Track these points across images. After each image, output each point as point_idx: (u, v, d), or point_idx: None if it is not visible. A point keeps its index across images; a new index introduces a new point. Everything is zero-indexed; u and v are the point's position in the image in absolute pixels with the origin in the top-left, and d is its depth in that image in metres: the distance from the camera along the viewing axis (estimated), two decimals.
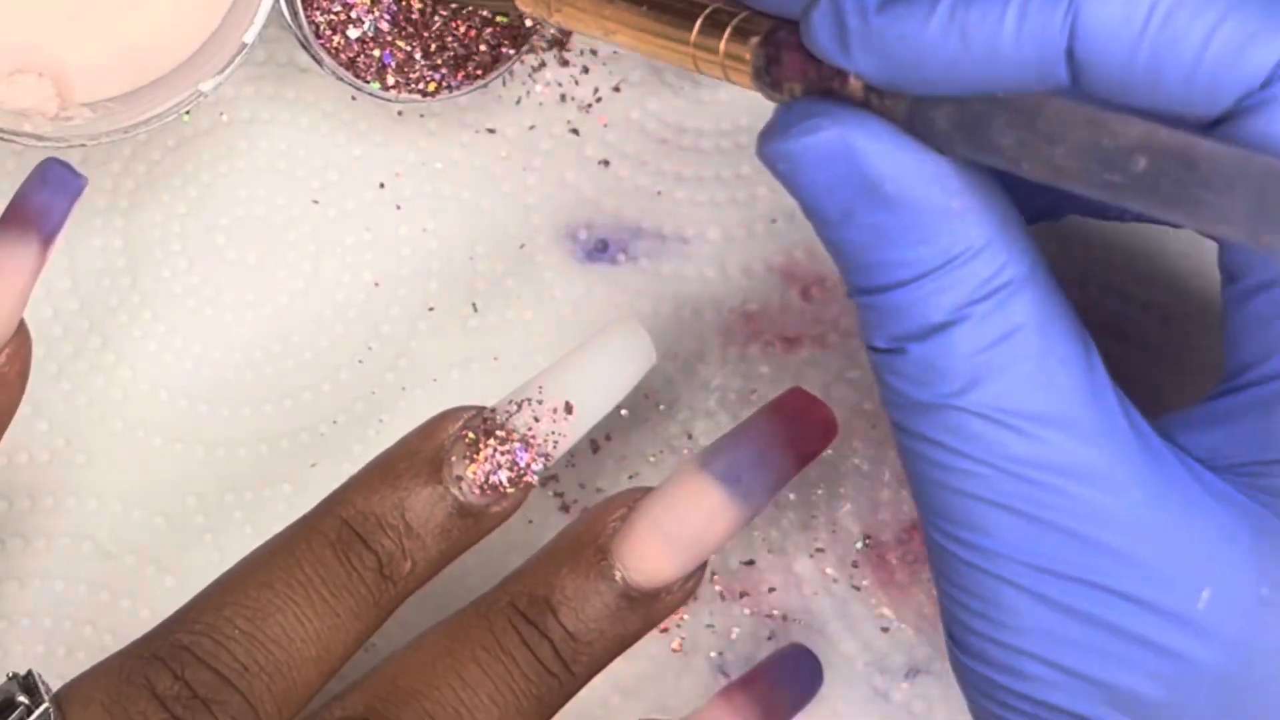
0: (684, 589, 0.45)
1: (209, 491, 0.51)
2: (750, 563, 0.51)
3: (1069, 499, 0.38)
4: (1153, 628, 0.38)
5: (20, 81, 0.48)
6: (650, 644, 0.51)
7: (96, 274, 0.51)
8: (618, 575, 0.44)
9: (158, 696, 0.41)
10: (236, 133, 0.52)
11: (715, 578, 0.51)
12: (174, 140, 0.52)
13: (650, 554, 0.44)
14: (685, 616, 0.51)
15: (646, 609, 0.44)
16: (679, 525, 0.44)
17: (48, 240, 0.43)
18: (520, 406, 0.44)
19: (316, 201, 0.52)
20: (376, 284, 0.52)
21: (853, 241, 0.38)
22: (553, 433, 0.44)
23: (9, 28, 0.48)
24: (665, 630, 0.51)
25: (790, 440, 0.44)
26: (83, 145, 0.47)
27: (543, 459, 0.44)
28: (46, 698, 0.41)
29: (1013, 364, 0.38)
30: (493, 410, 0.44)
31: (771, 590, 0.51)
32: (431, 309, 0.52)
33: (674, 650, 0.51)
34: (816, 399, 0.45)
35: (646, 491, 0.45)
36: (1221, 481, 0.39)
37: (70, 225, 0.51)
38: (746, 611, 0.51)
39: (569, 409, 0.44)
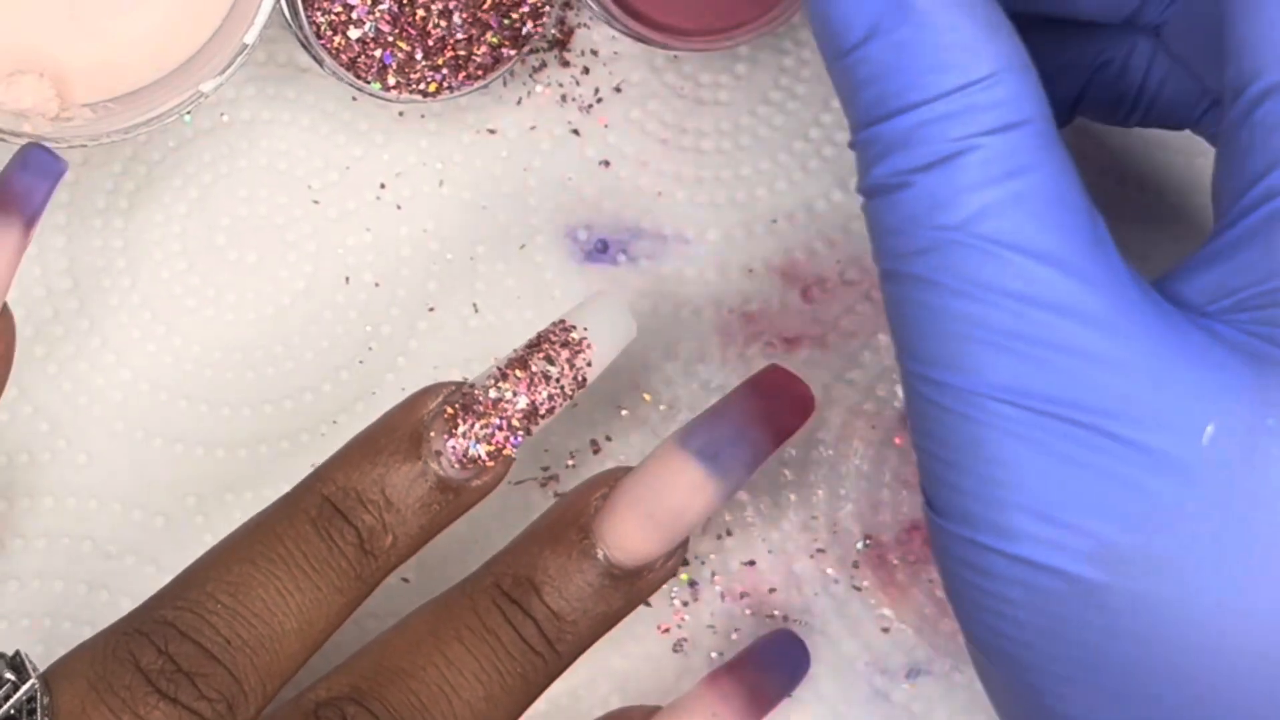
0: (666, 567, 0.45)
1: (209, 491, 0.51)
2: (750, 563, 0.51)
3: (1065, 337, 0.37)
4: (1150, 471, 0.37)
5: (20, 82, 0.48)
6: (650, 644, 0.51)
7: (96, 274, 0.51)
8: (600, 554, 0.44)
9: (142, 671, 0.41)
10: (237, 133, 0.52)
11: (715, 578, 0.51)
12: (174, 141, 0.52)
13: (631, 532, 0.44)
14: (685, 617, 0.51)
15: (629, 587, 0.45)
16: (659, 503, 0.44)
17: (30, 223, 0.44)
18: (501, 379, 0.44)
19: (316, 201, 0.52)
20: (376, 284, 0.52)
21: (871, 61, 0.38)
22: (531, 404, 0.44)
23: (9, 28, 0.48)
24: (666, 631, 0.51)
25: (768, 417, 0.45)
26: (83, 146, 0.47)
27: (522, 432, 0.44)
28: (34, 675, 0.42)
29: (1020, 201, 0.37)
30: (472, 385, 0.45)
31: (771, 590, 0.51)
32: (431, 309, 0.52)
33: (674, 650, 0.51)
34: (794, 376, 0.45)
35: (627, 471, 0.45)
36: (1222, 324, 0.39)
37: (70, 225, 0.51)
38: (746, 611, 0.51)
39: (547, 379, 0.44)
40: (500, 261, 0.52)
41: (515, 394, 0.44)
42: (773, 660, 0.47)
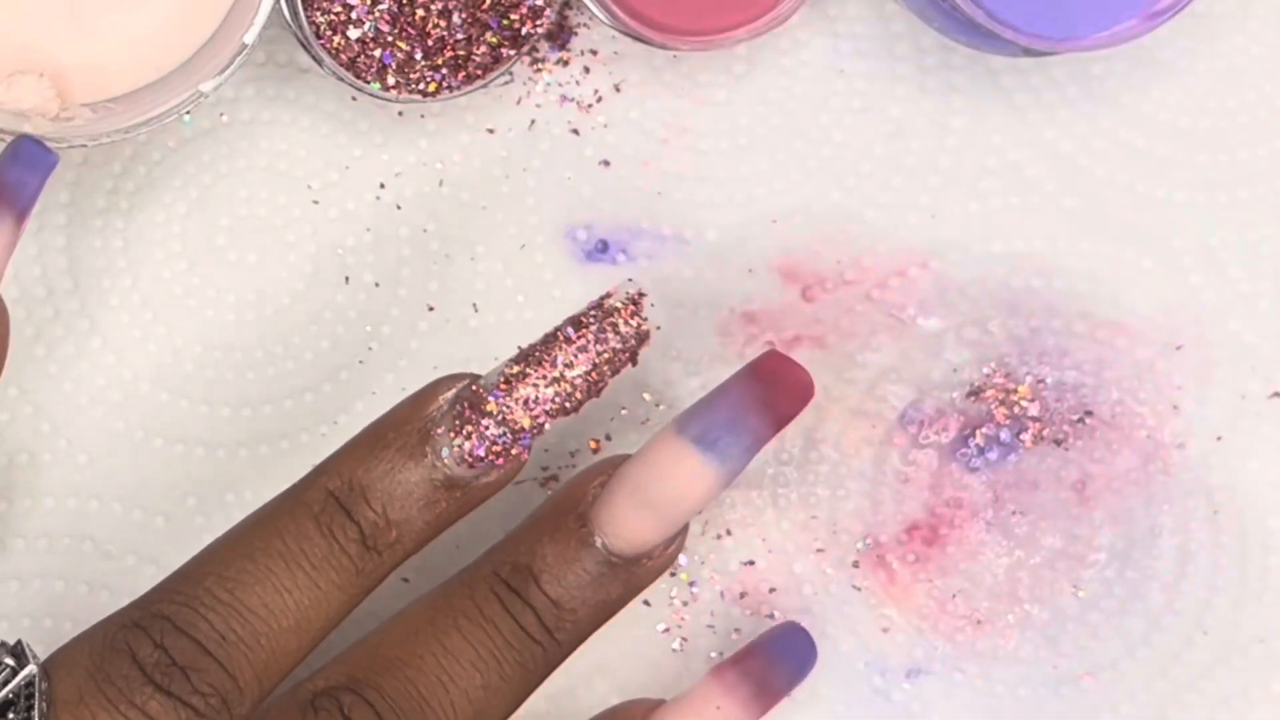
0: (665, 554, 0.45)
1: (209, 491, 0.51)
2: (750, 563, 0.51)
3: None
4: None
5: (21, 82, 0.48)
6: (650, 644, 0.51)
7: (97, 274, 0.51)
8: (598, 542, 0.44)
9: (138, 663, 0.42)
10: (237, 133, 0.52)
11: (715, 578, 0.51)
12: (174, 141, 0.52)
13: (629, 520, 0.44)
14: (685, 617, 0.51)
15: (628, 575, 0.45)
16: (657, 490, 0.44)
17: (21, 215, 0.44)
18: (513, 378, 0.44)
19: (316, 202, 0.52)
20: (376, 284, 0.52)
21: None
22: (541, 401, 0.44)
23: (9, 28, 0.48)
24: (666, 630, 0.51)
25: (767, 403, 0.44)
26: (83, 146, 0.47)
27: (534, 431, 0.44)
28: (33, 662, 0.42)
29: None
30: (483, 382, 0.44)
31: (772, 590, 0.51)
32: (431, 309, 0.52)
33: (674, 650, 0.51)
34: (793, 361, 0.45)
35: (625, 458, 0.45)
36: None
37: (70, 225, 0.51)
38: (746, 612, 0.51)
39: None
40: (500, 261, 0.52)
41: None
42: (779, 653, 0.46)
